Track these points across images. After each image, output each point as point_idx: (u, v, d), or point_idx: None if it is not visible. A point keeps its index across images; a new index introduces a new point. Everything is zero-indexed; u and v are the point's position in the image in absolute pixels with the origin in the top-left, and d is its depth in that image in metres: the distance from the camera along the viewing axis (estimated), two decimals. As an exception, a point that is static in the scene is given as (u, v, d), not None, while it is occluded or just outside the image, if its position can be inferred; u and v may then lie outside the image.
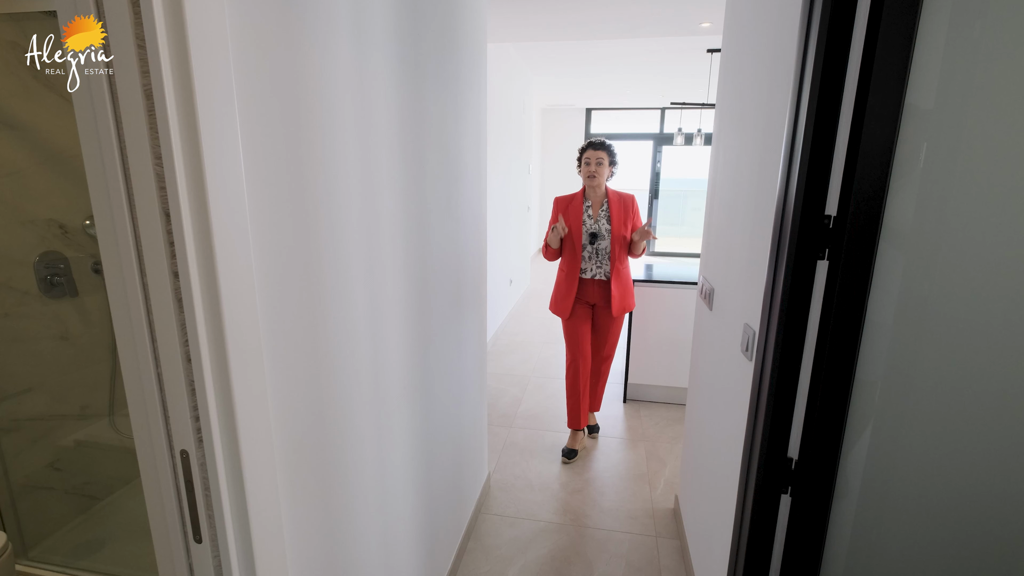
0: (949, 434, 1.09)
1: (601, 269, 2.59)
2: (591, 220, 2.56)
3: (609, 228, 2.54)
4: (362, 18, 1.00)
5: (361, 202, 1.02)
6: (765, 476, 1.24)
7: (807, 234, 1.11)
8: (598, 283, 2.62)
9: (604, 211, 2.56)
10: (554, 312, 2.72)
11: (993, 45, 0.92)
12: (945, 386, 1.06)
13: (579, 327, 2.67)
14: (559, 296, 2.68)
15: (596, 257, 2.58)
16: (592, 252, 2.57)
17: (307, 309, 0.85)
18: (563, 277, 2.66)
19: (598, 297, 2.64)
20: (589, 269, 2.60)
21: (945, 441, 1.09)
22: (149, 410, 0.68)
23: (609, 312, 2.62)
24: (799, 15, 1.12)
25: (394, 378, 1.25)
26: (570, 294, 2.61)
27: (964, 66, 0.94)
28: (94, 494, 2.08)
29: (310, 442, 0.89)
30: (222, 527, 0.70)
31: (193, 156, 0.59)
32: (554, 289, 2.74)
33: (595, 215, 2.56)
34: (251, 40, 0.69)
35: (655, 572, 1.93)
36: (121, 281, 0.64)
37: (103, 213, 0.63)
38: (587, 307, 2.68)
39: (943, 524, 1.14)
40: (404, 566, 1.38)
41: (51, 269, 1.87)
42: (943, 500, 1.12)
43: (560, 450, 2.75)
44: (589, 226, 2.56)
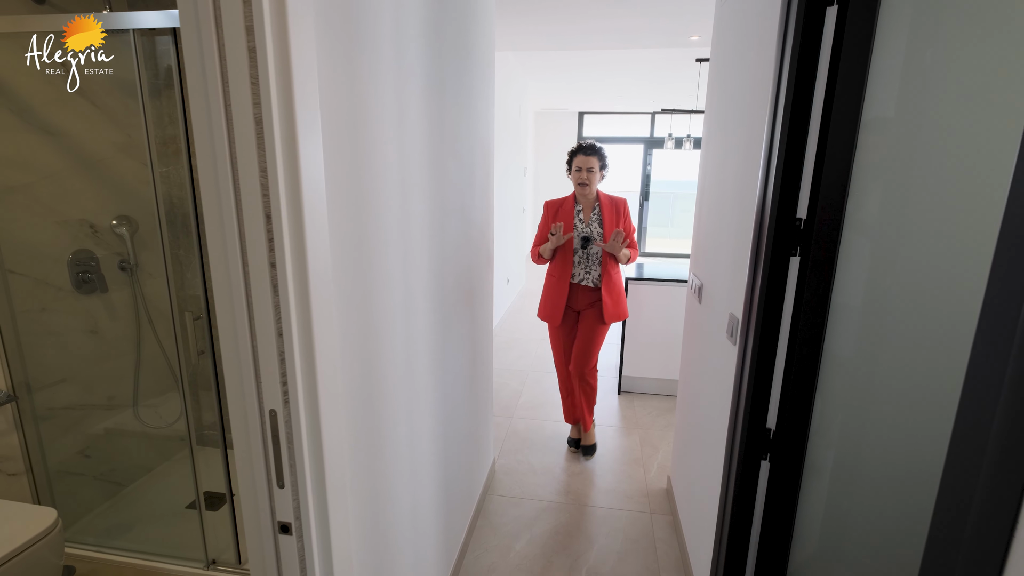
0: (912, 404, 1.22)
1: (590, 275, 2.53)
2: (583, 224, 2.50)
3: (601, 232, 2.48)
4: (402, 45, 1.15)
5: (398, 204, 1.17)
6: (747, 444, 1.41)
7: (781, 234, 1.29)
8: (587, 289, 2.55)
9: (596, 215, 2.50)
10: (543, 319, 2.66)
11: (942, 67, 1.08)
12: (907, 360, 1.20)
13: (561, 335, 2.66)
14: (549, 302, 2.61)
15: (586, 262, 2.52)
16: (583, 256, 2.52)
17: (360, 295, 1.00)
18: (553, 282, 2.59)
19: (585, 303, 2.57)
20: (578, 274, 2.54)
21: (908, 411, 1.23)
22: (244, 376, 0.82)
23: (596, 319, 2.56)
24: (775, 43, 1.29)
25: (421, 361, 1.40)
26: (561, 300, 2.55)
27: (916, 87, 1.11)
28: (120, 481, 2.20)
29: (363, 411, 1.04)
30: (302, 475, 0.85)
31: (291, 173, 0.74)
32: (543, 294, 2.66)
33: (587, 219, 2.50)
34: (328, 74, 0.84)
35: (650, 544, 2.10)
36: (226, 270, 0.79)
37: (213, 214, 0.77)
38: (573, 313, 2.63)
39: (905, 486, 1.30)
40: (428, 530, 1.53)
41: (82, 267, 1.99)
42: (907, 464, 1.29)
43: (565, 440, 2.92)
44: (581, 230, 2.49)
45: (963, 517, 0.52)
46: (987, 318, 0.50)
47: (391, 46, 1.10)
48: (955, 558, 0.53)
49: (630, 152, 7.36)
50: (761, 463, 1.44)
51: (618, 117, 7.90)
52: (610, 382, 3.65)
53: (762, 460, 1.44)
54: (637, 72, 5.36)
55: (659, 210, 6.97)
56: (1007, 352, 0.47)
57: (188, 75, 0.73)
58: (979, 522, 0.50)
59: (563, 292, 2.55)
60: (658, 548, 2.08)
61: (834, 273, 1.24)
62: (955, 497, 0.53)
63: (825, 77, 1.18)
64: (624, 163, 7.36)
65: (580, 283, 2.54)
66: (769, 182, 1.30)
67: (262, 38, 0.69)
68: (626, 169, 7.38)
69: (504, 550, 2.04)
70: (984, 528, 0.49)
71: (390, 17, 1.09)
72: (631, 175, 7.38)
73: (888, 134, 1.16)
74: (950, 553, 0.53)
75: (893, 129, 1.15)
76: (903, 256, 1.16)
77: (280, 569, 0.91)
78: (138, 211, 2.14)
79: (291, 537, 0.89)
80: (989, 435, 0.49)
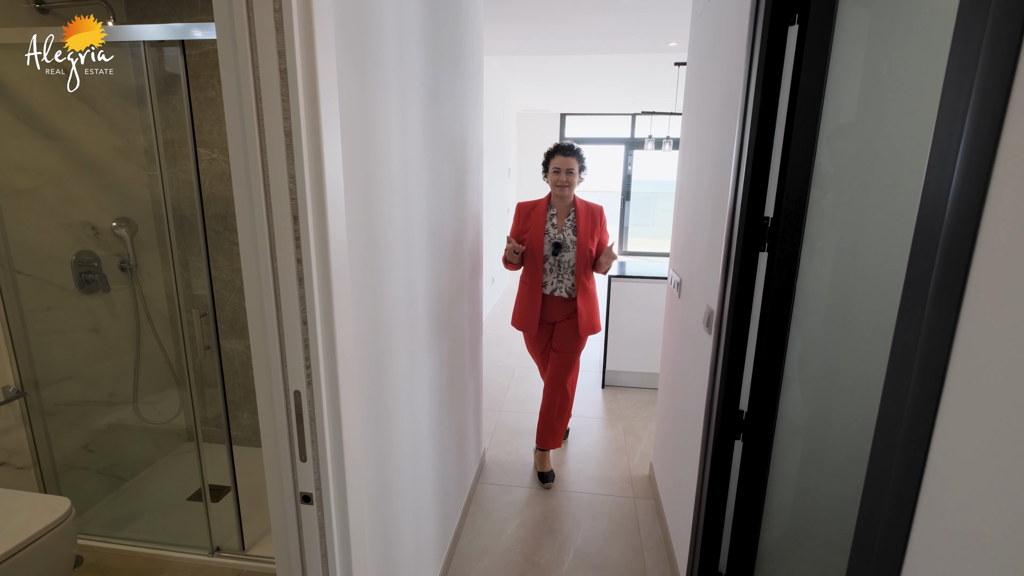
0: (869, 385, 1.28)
1: (563, 284, 2.37)
2: (555, 229, 2.34)
3: (575, 240, 2.32)
4: (403, 58, 1.25)
5: (401, 205, 1.27)
6: (722, 425, 1.54)
7: (751, 232, 1.42)
8: (559, 300, 2.39)
9: (570, 221, 2.35)
10: (517, 327, 2.51)
11: (891, 78, 1.21)
12: (864, 343, 1.32)
13: (538, 348, 2.53)
14: (522, 310, 2.46)
15: (558, 270, 2.35)
16: (554, 264, 2.34)
17: (371, 289, 1.10)
18: (525, 291, 2.44)
19: (559, 315, 2.41)
20: (550, 283, 2.37)
21: (866, 391, 1.30)
22: (271, 360, 0.91)
23: (572, 332, 2.42)
24: (744, 58, 1.42)
25: (421, 352, 1.50)
26: (534, 308, 2.40)
27: (868, 96, 1.24)
28: (122, 475, 2.25)
29: (373, 395, 1.13)
30: (323, 449, 0.95)
31: (316, 178, 0.84)
32: (516, 302, 2.52)
33: (560, 224, 2.35)
34: (344, 89, 0.93)
35: (634, 526, 2.22)
36: (256, 265, 0.88)
37: (245, 215, 0.87)
38: (547, 326, 2.48)
39: (864, 460, 1.42)
40: (427, 511, 1.63)
41: (85, 267, 2.05)
42: (864, 442, 1.41)
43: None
44: (552, 235, 2.33)
45: (886, 473, 0.64)
46: (904, 308, 0.63)
47: (395, 60, 1.20)
48: (880, 507, 0.65)
49: (611, 153, 7.52)
50: (735, 443, 1.57)
51: (599, 118, 8.06)
52: (594, 376, 3.78)
53: (736, 440, 1.57)
54: (618, 75, 5.51)
55: (640, 210, 7.14)
56: (915, 344, 0.59)
57: (224, 93, 0.82)
58: (898, 477, 0.62)
59: (535, 301, 2.39)
60: (641, 529, 2.20)
61: (798, 266, 1.37)
62: (880, 463, 0.66)
63: (788, 88, 1.31)
64: (605, 164, 7.51)
65: (553, 293, 2.38)
66: (740, 184, 1.43)
67: (292, 61, 0.79)
68: (607, 170, 7.53)
69: (496, 534, 2.15)
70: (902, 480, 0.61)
71: (394, 33, 1.19)
72: (612, 176, 7.55)
73: (843, 139, 1.29)
74: (877, 504, 0.66)
75: (848, 134, 1.29)
76: (859, 249, 1.29)
77: (301, 537, 1.00)
78: (136, 213, 2.20)
79: (312, 507, 0.98)
80: (904, 410, 0.61)
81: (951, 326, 0.55)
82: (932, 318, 0.58)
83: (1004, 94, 0.51)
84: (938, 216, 0.58)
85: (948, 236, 0.56)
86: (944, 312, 0.56)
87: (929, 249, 0.59)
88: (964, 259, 0.55)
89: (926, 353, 0.58)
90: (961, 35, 0.57)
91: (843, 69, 1.27)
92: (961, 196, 0.55)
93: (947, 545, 0.55)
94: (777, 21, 1.32)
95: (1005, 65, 0.51)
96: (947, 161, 0.57)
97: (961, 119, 0.56)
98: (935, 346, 0.57)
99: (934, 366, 0.57)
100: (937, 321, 0.57)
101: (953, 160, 0.57)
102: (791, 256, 1.37)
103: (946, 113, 0.58)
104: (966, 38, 0.56)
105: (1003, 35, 0.51)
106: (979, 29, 0.54)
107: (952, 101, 0.57)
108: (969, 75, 0.55)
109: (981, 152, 0.53)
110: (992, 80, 0.52)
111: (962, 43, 0.56)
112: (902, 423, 0.62)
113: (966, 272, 0.54)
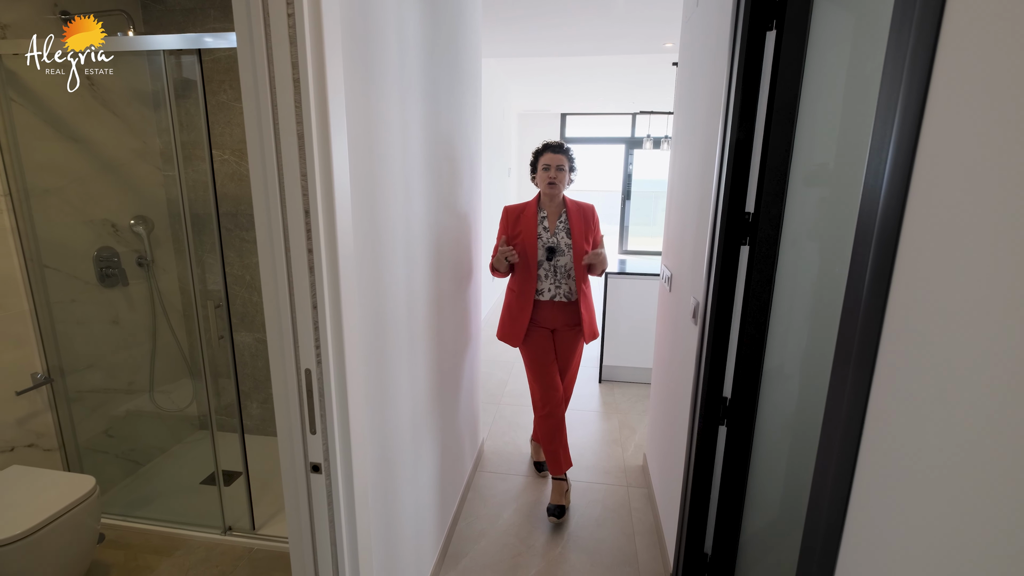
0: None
1: (561, 289, 2.25)
2: (547, 233, 2.23)
3: (570, 243, 2.22)
4: (404, 64, 1.34)
5: (402, 201, 1.37)
6: (707, 411, 1.63)
7: (733, 227, 1.51)
8: (559, 305, 2.27)
9: (563, 223, 2.23)
10: (503, 339, 2.34)
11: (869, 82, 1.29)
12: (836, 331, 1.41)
13: (542, 355, 2.28)
14: (509, 320, 2.30)
15: (554, 276, 2.24)
16: (549, 270, 2.23)
17: (373, 277, 1.20)
18: (513, 298, 2.30)
19: (559, 321, 2.29)
20: (547, 289, 2.25)
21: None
22: (284, 342, 1.01)
23: (573, 338, 2.33)
24: (726, 61, 1.51)
25: (420, 339, 1.60)
26: (522, 317, 2.25)
27: (841, 97, 1.33)
28: (138, 459, 2.37)
29: (376, 375, 1.23)
30: (331, 423, 1.04)
31: (325, 176, 0.94)
32: (503, 313, 2.35)
33: (552, 227, 2.23)
34: (349, 94, 1.03)
35: (626, 512, 2.32)
36: (271, 255, 0.98)
37: (261, 209, 0.96)
38: (546, 331, 2.31)
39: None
40: (427, 487, 1.73)
41: (105, 262, 2.16)
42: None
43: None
44: (546, 240, 2.21)
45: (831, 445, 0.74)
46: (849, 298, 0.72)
47: (395, 66, 1.29)
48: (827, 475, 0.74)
49: (612, 152, 7.60)
50: (719, 428, 1.66)
51: (600, 118, 8.14)
52: (591, 371, 3.87)
53: (720, 426, 1.66)
54: (617, 75, 5.59)
55: (640, 209, 7.21)
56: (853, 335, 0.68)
57: (244, 99, 0.92)
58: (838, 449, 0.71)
59: (525, 309, 2.25)
60: (633, 516, 2.29)
61: (777, 259, 1.46)
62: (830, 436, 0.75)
63: (768, 91, 1.40)
64: (606, 163, 7.59)
65: (552, 299, 2.26)
66: (722, 181, 1.52)
67: (304, 72, 0.89)
68: (608, 169, 7.61)
69: (493, 518, 2.25)
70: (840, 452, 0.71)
71: (395, 42, 1.28)
72: (614, 175, 7.62)
73: (817, 138, 1.38)
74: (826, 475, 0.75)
75: (822, 133, 1.38)
76: (835, 243, 1.38)
77: (311, 503, 1.10)
78: (152, 211, 2.31)
79: (321, 476, 1.08)
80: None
81: (882, 306, 0.65)
82: (868, 299, 0.67)
83: (922, 96, 0.60)
84: (874, 209, 0.67)
85: (881, 226, 0.65)
86: (878, 292, 0.65)
87: (867, 239, 0.68)
88: (892, 247, 0.64)
89: (864, 325, 0.67)
90: (891, 48, 0.65)
91: (818, 72, 1.36)
92: (890, 191, 0.64)
93: (879, 508, 0.65)
94: (756, 27, 1.41)
95: (924, 74, 0.60)
96: (881, 159, 0.67)
97: (891, 122, 0.65)
98: (870, 320, 0.66)
99: (869, 336, 0.67)
100: (871, 300, 0.66)
101: (886, 158, 0.66)
102: (771, 248, 1.46)
103: (880, 116, 0.67)
104: (896, 49, 0.65)
105: (921, 50, 0.60)
106: (904, 43, 0.63)
107: (885, 105, 0.66)
108: (896, 83, 0.64)
109: (905, 153, 0.62)
110: (913, 86, 0.61)
111: (893, 52, 0.65)
112: (845, 393, 0.71)
113: (893, 255, 0.64)
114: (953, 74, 0.56)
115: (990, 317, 0.48)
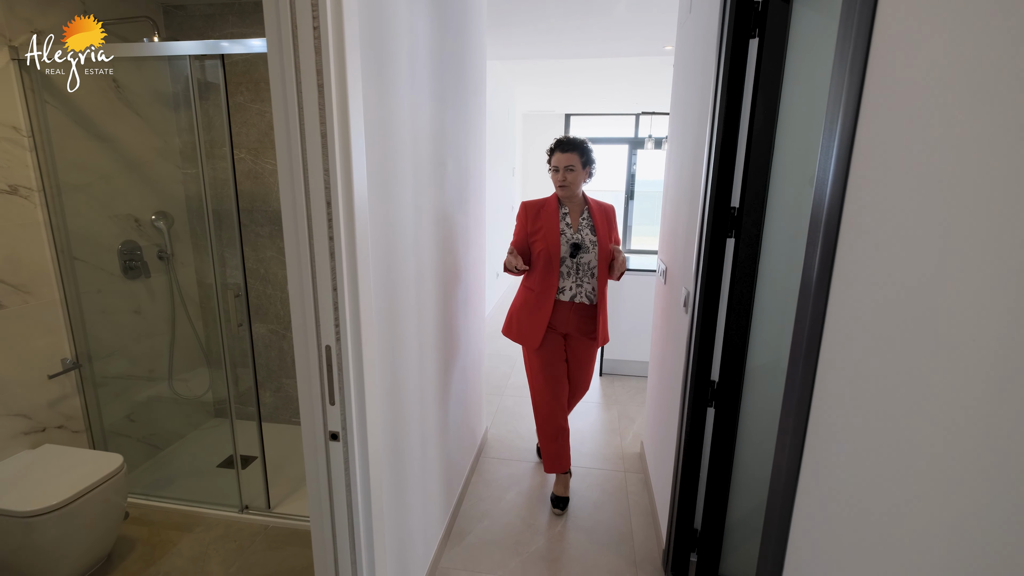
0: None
1: (582, 289, 2.12)
2: (571, 229, 2.11)
3: (594, 240, 2.10)
4: (414, 69, 1.46)
5: (412, 196, 1.48)
6: (696, 394, 1.73)
7: (719, 220, 1.61)
8: (578, 307, 2.14)
9: (586, 219, 2.13)
10: (517, 340, 2.20)
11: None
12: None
13: (555, 361, 2.17)
14: (526, 319, 2.14)
15: (576, 274, 2.11)
16: (572, 267, 2.10)
17: (386, 263, 1.31)
18: (532, 297, 2.14)
19: (573, 325, 2.16)
20: (568, 288, 2.11)
21: None
22: (307, 320, 1.12)
23: (587, 347, 2.22)
24: (713, 65, 1.61)
25: (428, 325, 1.71)
26: (540, 317, 2.11)
27: (818, 99, 1.43)
28: (158, 444, 2.49)
29: (388, 352, 1.34)
30: (348, 395, 1.15)
31: (345, 171, 1.05)
32: (517, 310, 2.20)
33: (575, 224, 2.12)
34: (367, 100, 1.14)
35: (623, 495, 2.42)
36: (296, 241, 1.09)
37: (288, 201, 1.08)
38: (559, 336, 2.19)
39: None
40: (433, 463, 1.84)
41: (129, 255, 2.28)
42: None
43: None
44: (569, 236, 2.10)
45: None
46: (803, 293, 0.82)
47: (407, 71, 1.40)
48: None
49: (616, 152, 7.69)
50: (708, 410, 1.76)
51: (603, 118, 8.24)
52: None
53: (708, 408, 1.76)
54: (620, 76, 5.69)
55: (644, 209, 7.30)
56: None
57: (273, 103, 1.03)
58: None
59: (544, 309, 2.10)
60: (630, 499, 2.40)
61: (760, 250, 1.56)
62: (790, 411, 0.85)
63: (751, 94, 1.51)
64: (610, 163, 7.69)
65: (573, 300, 2.12)
66: (710, 178, 1.62)
67: (327, 78, 1.00)
68: (612, 169, 7.71)
69: (496, 500, 2.35)
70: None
71: (406, 48, 1.39)
72: (617, 175, 7.72)
73: (797, 136, 1.49)
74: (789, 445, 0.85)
75: (801, 132, 1.48)
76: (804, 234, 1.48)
77: (329, 468, 1.21)
78: (172, 207, 2.43)
79: (338, 444, 1.19)
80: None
81: (826, 286, 0.75)
82: (817, 282, 0.77)
83: (856, 99, 0.71)
84: (822, 203, 0.78)
85: (827, 216, 0.76)
86: (822, 273, 0.76)
87: (816, 232, 0.79)
88: (833, 232, 0.74)
89: (813, 304, 0.78)
90: (837, 55, 0.76)
91: (797, 75, 1.46)
92: (834, 185, 0.75)
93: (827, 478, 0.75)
94: (739, 34, 1.51)
95: (858, 78, 0.70)
96: (827, 158, 0.77)
97: (834, 123, 0.75)
98: (816, 302, 0.77)
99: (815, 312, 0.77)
100: (819, 282, 0.77)
101: (830, 157, 0.76)
102: (754, 240, 1.56)
103: (827, 118, 0.78)
104: (841, 55, 0.75)
105: (856, 59, 0.71)
106: (846, 51, 0.73)
107: (832, 108, 0.77)
108: (839, 87, 0.75)
109: (845, 150, 0.73)
110: (850, 94, 0.72)
111: (839, 58, 0.76)
112: (799, 368, 0.81)
113: (835, 239, 0.74)
114: (883, 74, 0.66)
115: (918, 299, 0.59)
